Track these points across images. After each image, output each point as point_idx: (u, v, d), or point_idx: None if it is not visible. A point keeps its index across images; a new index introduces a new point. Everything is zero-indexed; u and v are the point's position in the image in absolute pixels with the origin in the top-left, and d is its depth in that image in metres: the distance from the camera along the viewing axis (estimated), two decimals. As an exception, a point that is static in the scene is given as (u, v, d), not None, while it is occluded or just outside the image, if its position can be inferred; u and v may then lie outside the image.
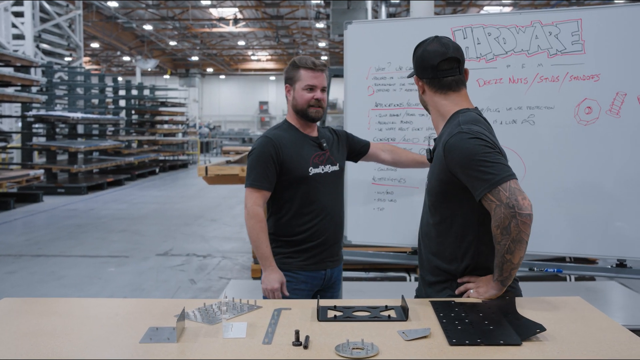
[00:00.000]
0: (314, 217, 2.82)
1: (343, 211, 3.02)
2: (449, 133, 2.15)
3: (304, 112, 2.83)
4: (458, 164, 2.07)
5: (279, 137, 2.83)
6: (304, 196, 2.81)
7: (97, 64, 37.05)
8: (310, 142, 2.89)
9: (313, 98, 2.82)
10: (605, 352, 1.61)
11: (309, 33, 28.88)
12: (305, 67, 2.83)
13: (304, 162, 2.81)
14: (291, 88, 2.87)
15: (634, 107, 3.10)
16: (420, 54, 2.28)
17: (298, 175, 2.79)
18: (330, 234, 2.86)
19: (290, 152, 2.80)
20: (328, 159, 2.91)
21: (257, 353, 1.62)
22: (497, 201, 1.96)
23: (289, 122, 2.93)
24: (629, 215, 3.16)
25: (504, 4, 22.98)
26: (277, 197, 2.83)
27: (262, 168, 2.75)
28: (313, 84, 2.83)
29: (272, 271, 2.70)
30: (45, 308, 2.05)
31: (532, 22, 3.23)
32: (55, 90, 16.08)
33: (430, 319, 1.91)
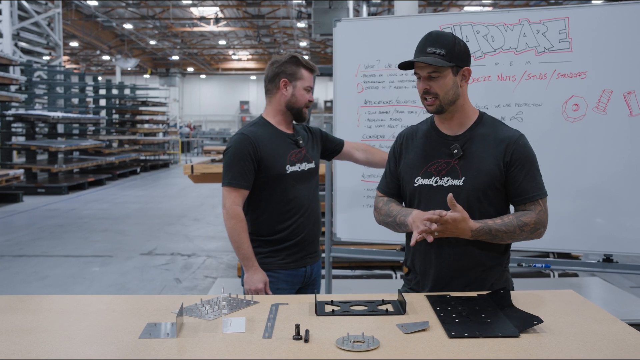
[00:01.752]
0: (292, 215, 2.78)
1: (319, 208, 2.98)
2: (507, 131, 2.24)
3: (299, 111, 2.82)
4: (525, 162, 2.19)
5: (256, 134, 2.77)
6: (282, 194, 2.77)
7: (76, 63, 36.68)
8: (286, 140, 2.84)
9: (309, 100, 2.84)
10: (602, 342, 1.64)
11: (290, 33, 28.85)
12: (308, 68, 2.82)
13: (281, 160, 2.77)
14: (290, 84, 2.81)
15: (620, 104, 3.15)
16: (464, 45, 2.22)
17: (276, 173, 2.75)
18: (308, 231, 2.83)
19: (268, 150, 2.75)
20: (304, 156, 2.87)
21: (259, 347, 1.62)
22: (543, 208, 2.20)
23: (265, 119, 2.87)
24: (615, 211, 3.21)
25: (484, 4, 23.14)
26: (255, 195, 2.78)
27: (239, 166, 2.70)
28: (311, 86, 2.85)
29: (255, 271, 2.67)
30: (39, 305, 2.04)
31: (520, 20, 3.27)
32: (35, 89, 15.89)
33: (427, 312, 1.92)
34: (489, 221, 2.13)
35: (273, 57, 2.91)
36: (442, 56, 2.15)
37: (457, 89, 2.21)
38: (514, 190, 2.19)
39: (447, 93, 2.19)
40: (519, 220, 2.14)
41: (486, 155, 2.19)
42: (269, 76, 2.85)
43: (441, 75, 2.18)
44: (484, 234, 2.12)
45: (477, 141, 2.22)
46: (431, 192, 2.24)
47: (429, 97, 2.22)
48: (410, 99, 3.49)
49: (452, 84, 2.19)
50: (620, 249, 3.23)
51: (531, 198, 2.18)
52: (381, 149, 3.57)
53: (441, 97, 2.20)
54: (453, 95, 2.21)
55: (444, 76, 2.18)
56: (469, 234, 2.11)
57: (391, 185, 2.43)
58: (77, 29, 25.63)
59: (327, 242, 3.84)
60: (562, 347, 1.60)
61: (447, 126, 2.28)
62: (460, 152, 2.22)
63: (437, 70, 2.17)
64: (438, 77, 2.18)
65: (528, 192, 2.18)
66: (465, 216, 2.08)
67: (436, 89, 2.19)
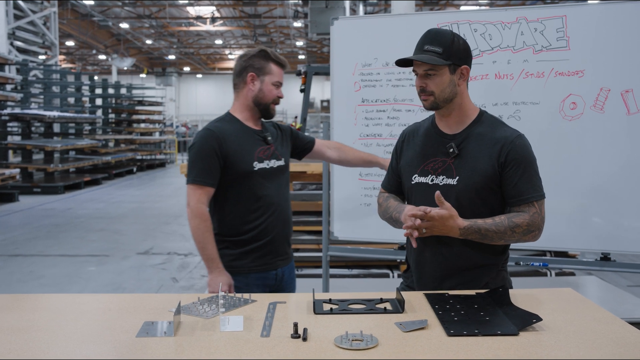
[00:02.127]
0: (260, 214, 2.69)
1: (290, 207, 2.88)
2: (505, 131, 2.21)
3: (267, 107, 2.74)
4: (521, 162, 2.16)
5: (222, 129, 2.68)
6: (249, 192, 2.68)
7: (72, 62, 36.61)
8: (254, 136, 2.75)
9: (277, 95, 2.76)
10: (601, 340, 1.63)
11: (287, 32, 28.85)
12: (278, 63, 2.75)
13: (248, 157, 2.68)
14: (257, 79, 2.72)
15: (618, 103, 3.15)
16: (464, 43, 2.21)
17: (242, 170, 2.66)
18: (278, 231, 2.74)
19: (234, 146, 2.66)
20: (273, 153, 2.78)
21: (257, 346, 1.61)
22: (538, 210, 2.16)
23: (232, 115, 2.78)
24: (612, 210, 3.21)
25: (480, 4, 23.15)
26: (221, 194, 2.69)
27: (204, 163, 2.61)
28: (281, 82, 2.77)
29: (219, 273, 2.58)
30: (36, 304, 2.03)
31: (517, 19, 3.26)
32: (31, 89, 15.84)
33: (425, 310, 1.91)
34: (479, 220, 2.12)
35: (243, 51, 2.84)
36: (438, 54, 2.14)
37: (454, 87, 2.20)
38: (509, 191, 2.17)
39: (443, 91, 2.19)
40: (511, 221, 2.12)
41: (481, 155, 2.18)
42: (237, 70, 2.76)
43: (437, 74, 2.17)
44: (473, 233, 2.11)
45: (473, 140, 2.21)
46: (427, 190, 2.23)
47: (424, 94, 2.21)
48: (408, 97, 3.48)
49: (449, 82, 2.18)
50: (618, 247, 3.23)
51: (526, 199, 2.15)
52: (378, 147, 3.57)
53: (437, 94, 2.19)
54: (449, 94, 2.20)
55: (440, 74, 2.17)
56: (458, 232, 2.10)
57: (392, 181, 2.43)
58: (73, 28, 25.59)
59: (325, 241, 3.83)
60: (562, 345, 1.60)
61: (446, 124, 2.28)
62: (455, 151, 2.21)
63: (433, 68, 2.16)
64: (434, 75, 2.17)
65: (523, 193, 2.15)
66: (453, 214, 2.07)
67: (432, 87, 2.19)
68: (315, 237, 5.68)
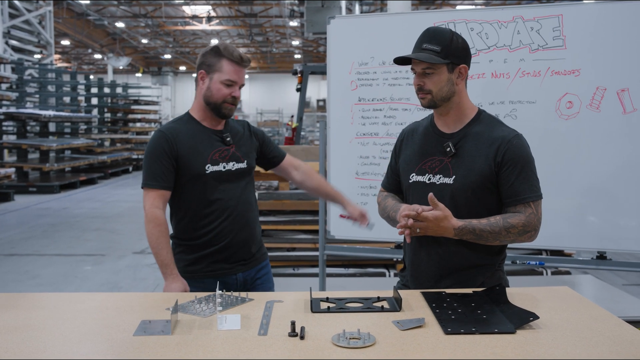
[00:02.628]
0: (214, 218, 2.58)
1: (253, 211, 2.72)
2: (503, 130, 2.21)
3: (217, 107, 2.59)
4: (518, 162, 2.15)
5: (174, 130, 2.58)
6: (201, 196, 2.58)
7: (67, 61, 36.52)
8: (212, 137, 2.63)
9: (231, 95, 2.58)
10: (598, 338, 1.63)
11: (283, 31, 28.83)
12: (230, 58, 2.56)
13: (201, 159, 2.57)
14: (207, 76, 2.59)
15: (614, 102, 3.16)
16: (463, 42, 2.20)
17: (194, 173, 2.55)
18: (235, 236, 2.61)
19: (186, 147, 2.56)
20: (233, 155, 2.65)
21: (254, 344, 1.61)
22: (535, 211, 2.15)
23: (191, 115, 2.67)
24: (609, 209, 3.22)
25: (476, 3, 23.18)
26: (176, 196, 2.59)
27: (156, 165, 2.51)
28: (233, 80, 2.57)
29: (173, 279, 2.45)
30: (32, 303, 2.01)
31: (514, 18, 3.27)
32: (26, 88, 15.80)
33: (423, 309, 1.91)
34: (474, 221, 2.11)
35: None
36: (437, 53, 2.14)
37: (452, 86, 2.19)
38: (505, 191, 2.17)
39: (440, 90, 2.18)
40: (506, 222, 2.11)
41: (478, 155, 2.18)
42: (196, 68, 2.65)
43: (435, 72, 2.16)
44: (467, 234, 2.10)
45: (471, 140, 2.21)
46: (424, 190, 2.23)
47: (422, 92, 2.21)
48: (404, 96, 3.48)
49: (447, 81, 2.18)
50: (614, 246, 3.24)
51: (522, 200, 2.15)
52: (375, 146, 3.57)
53: (434, 93, 2.18)
54: (447, 92, 2.19)
55: (438, 73, 2.16)
56: (452, 233, 2.09)
57: (391, 180, 2.44)
58: (69, 27, 25.52)
59: (321, 240, 3.83)
60: (559, 343, 1.60)
61: (444, 123, 2.27)
62: (452, 150, 2.21)
63: (431, 67, 2.16)
64: (432, 73, 2.17)
65: (519, 193, 2.15)
66: (447, 214, 2.07)
67: (429, 86, 2.18)
68: (311, 237, 5.68)
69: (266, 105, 37.10)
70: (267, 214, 5.79)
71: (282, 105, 36.54)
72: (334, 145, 3.69)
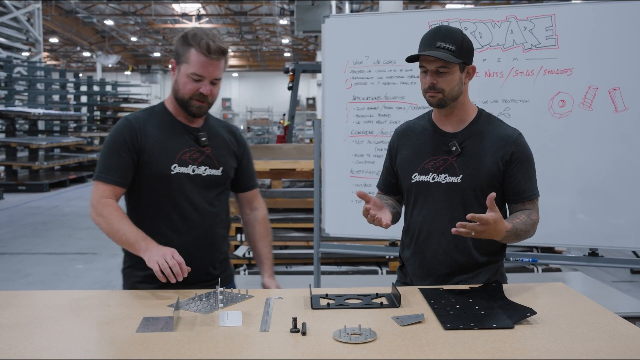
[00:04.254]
0: (173, 229, 2.26)
1: (221, 228, 2.40)
2: (506, 129, 2.24)
3: (185, 103, 2.25)
4: (524, 161, 2.20)
5: (142, 120, 2.28)
6: (162, 201, 2.25)
7: (56, 59, 36.29)
8: (184, 134, 2.31)
9: (197, 91, 2.23)
10: (595, 333, 1.67)
11: (273, 30, 28.78)
12: (198, 48, 2.19)
13: (168, 156, 2.25)
14: (176, 67, 2.27)
15: (606, 101, 3.19)
16: (470, 43, 2.21)
17: (157, 172, 2.23)
18: (196, 253, 2.26)
19: (152, 141, 2.24)
20: (206, 158, 2.32)
21: (257, 340, 1.63)
22: (536, 208, 2.22)
23: (164, 106, 2.36)
24: (600, 206, 3.26)
25: (465, 2, 23.25)
26: (132, 198, 2.30)
27: (114, 157, 2.22)
28: (201, 74, 2.21)
29: (154, 245, 2.08)
30: (33, 301, 2.02)
31: (507, 17, 3.30)
32: (15, 86, 15.70)
33: (421, 305, 1.94)
34: (514, 221, 2.09)
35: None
36: (452, 52, 2.13)
37: (461, 86, 2.21)
38: (511, 189, 2.20)
39: (452, 89, 2.18)
40: (531, 219, 2.15)
41: (485, 154, 2.20)
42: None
43: (449, 71, 2.16)
44: (512, 236, 2.06)
45: (475, 139, 2.23)
46: (428, 189, 2.25)
47: (433, 91, 2.19)
48: (399, 95, 3.50)
49: (458, 80, 2.19)
50: (606, 243, 3.28)
51: (529, 197, 2.20)
52: (369, 144, 3.59)
53: (446, 92, 2.18)
54: (457, 92, 2.20)
55: (452, 72, 2.16)
56: (503, 235, 2.00)
57: (386, 182, 2.45)
58: (57, 24, 25.38)
59: (316, 237, 3.85)
60: (556, 338, 1.63)
61: (446, 123, 2.28)
62: (458, 149, 2.22)
63: (446, 66, 2.14)
64: (446, 72, 2.15)
65: (525, 191, 2.19)
66: (500, 216, 1.97)
67: (443, 85, 2.17)
68: (304, 235, 5.70)
69: (256, 103, 37.03)
70: (260, 212, 5.80)
71: (271, 103, 36.50)
72: (328, 143, 3.70)
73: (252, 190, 2.58)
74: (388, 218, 2.12)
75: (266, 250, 2.53)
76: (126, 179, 2.24)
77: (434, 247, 2.27)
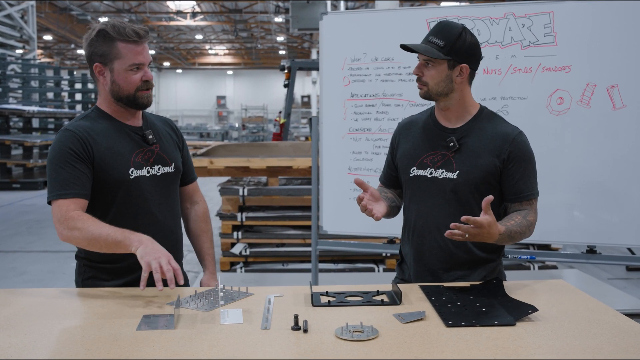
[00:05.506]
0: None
1: (180, 226, 2.37)
2: (506, 127, 2.24)
3: (132, 98, 2.16)
4: (523, 160, 2.19)
5: (86, 128, 2.14)
6: (123, 208, 2.16)
7: (49, 56, 36.16)
8: (131, 134, 2.22)
9: (142, 80, 2.16)
10: (597, 330, 1.67)
11: (268, 27, 28.76)
12: (127, 39, 2.10)
13: (123, 162, 2.16)
14: (105, 69, 2.14)
15: (604, 98, 3.20)
16: (471, 42, 2.18)
17: (114, 179, 2.14)
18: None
19: (102, 148, 2.13)
20: (158, 156, 2.25)
21: (258, 338, 1.62)
22: (536, 208, 2.21)
23: (100, 109, 2.23)
24: (598, 203, 3.26)
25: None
26: (89, 210, 2.11)
27: (67, 171, 2.07)
28: (139, 62, 2.14)
29: (148, 239, 2.00)
30: (30, 298, 2.00)
31: (505, 14, 3.30)
32: (9, 83, 15.63)
33: (422, 302, 1.93)
34: (508, 223, 2.09)
35: (86, 33, 2.21)
36: (439, 47, 2.14)
37: (449, 83, 2.19)
38: (509, 188, 2.20)
39: (437, 84, 2.19)
40: (527, 220, 2.14)
41: (482, 150, 2.20)
42: (86, 60, 2.20)
43: (434, 66, 2.17)
44: (505, 238, 2.06)
45: (474, 135, 2.22)
46: (425, 183, 2.25)
47: (419, 82, 2.23)
48: (397, 92, 3.50)
49: (445, 77, 2.18)
50: (603, 240, 3.28)
51: (527, 197, 2.19)
52: (367, 142, 3.59)
53: (430, 86, 2.20)
54: (444, 88, 2.20)
55: (437, 67, 2.17)
56: (496, 238, 2.01)
57: (387, 175, 2.45)
58: (51, 22, 25.28)
59: (314, 235, 3.84)
60: (559, 335, 1.63)
61: (446, 118, 2.28)
62: (456, 145, 2.22)
63: (432, 60, 2.17)
64: (431, 66, 2.18)
65: (524, 190, 2.18)
66: (494, 219, 1.97)
67: (427, 78, 2.20)
68: (300, 232, 5.70)
69: (250, 101, 36.99)
70: (256, 209, 5.81)
71: (266, 101, 36.49)
72: (326, 141, 3.70)
73: (192, 184, 2.51)
74: (380, 211, 2.13)
75: (207, 246, 2.47)
76: (87, 190, 2.10)
77: (430, 242, 2.27)
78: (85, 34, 2.19)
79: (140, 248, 1.95)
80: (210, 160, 5.82)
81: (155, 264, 1.88)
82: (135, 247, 1.96)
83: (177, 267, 1.91)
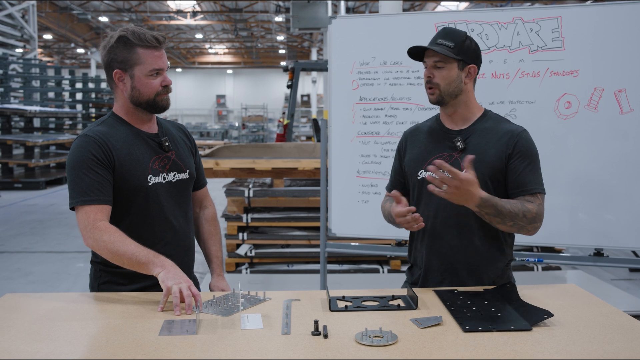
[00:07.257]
0: (155, 241, 2.17)
1: (192, 231, 2.41)
2: (510, 125, 2.28)
3: (152, 103, 2.20)
4: (527, 155, 2.21)
5: (104, 134, 2.16)
6: (140, 214, 2.19)
7: (49, 56, 36.14)
8: (147, 141, 2.24)
9: (161, 85, 2.20)
10: (612, 335, 1.69)
11: (268, 27, 28.75)
12: (147, 45, 2.15)
13: (141, 168, 2.18)
14: (125, 75, 2.17)
15: (611, 102, 3.22)
16: (475, 45, 2.27)
17: (133, 186, 2.16)
18: (181, 259, 2.19)
19: (122, 154, 2.15)
20: (174, 163, 2.28)
21: (280, 343, 1.64)
22: (542, 203, 2.20)
23: (117, 115, 2.25)
24: (605, 207, 3.29)
25: (460, 0, 23.26)
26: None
27: (90, 177, 2.09)
28: (159, 67, 2.19)
29: (170, 264, 2.03)
30: (50, 303, 2.02)
31: (514, 19, 3.32)
32: (10, 83, 15.64)
33: (437, 307, 1.96)
34: (496, 197, 2.12)
35: (104, 40, 2.24)
36: (450, 48, 2.20)
37: (459, 84, 2.24)
38: (512, 181, 2.21)
39: (449, 85, 2.23)
40: (524, 206, 2.14)
41: (488, 148, 2.23)
42: (104, 66, 2.21)
43: (446, 67, 2.22)
44: (490, 207, 2.07)
45: (480, 135, 2.26)
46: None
47: (431, 86, 2.25)
48: (405, 95, 3.53)
49: (456, 77, 2.23)
50: (611, 243, 3.31)
51: (530, 190, 2.19)
52: (376, 145, 3.62)
53: (442, 87, 2.23)
54: (455, 89, 2.24)
55: (449, 68, 2.22)
56: (477, 201, 2.05)
57: (395, 183, 2.48)
58: (52, 21, 25.26)
59: (322, 237, 3.87)
60: (575, 340, 1.65)
61: (451, 121, 2.33)
62: (462, 145, 2.26)
63: (443, 61, 2.21)
64: (443, 67, 2.22)
65: (527, 184, 2.20)
66: (476, 181, 2.03)
67: (438, 79, 2.23)
68: (305, 233, 5.73)
69: (250, 100, 36.98)
70: (262, 210, 5.83)
71: (266, 100, 36.47)
72: (335, 143, 3.72)
73: (203, 189, 2.54)
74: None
75: (215, 249, 2.49)
76: (110, 196, 2.12)
77: (438, 242, 2.30)
78: (103, 41, 2.22)
79: (162, 273, 1.98)
80: (216, 161, 5.84)
81: (175, 289, 1.91)
82: (157, 271, 1.99)
83: (197, 293, 1.92)
